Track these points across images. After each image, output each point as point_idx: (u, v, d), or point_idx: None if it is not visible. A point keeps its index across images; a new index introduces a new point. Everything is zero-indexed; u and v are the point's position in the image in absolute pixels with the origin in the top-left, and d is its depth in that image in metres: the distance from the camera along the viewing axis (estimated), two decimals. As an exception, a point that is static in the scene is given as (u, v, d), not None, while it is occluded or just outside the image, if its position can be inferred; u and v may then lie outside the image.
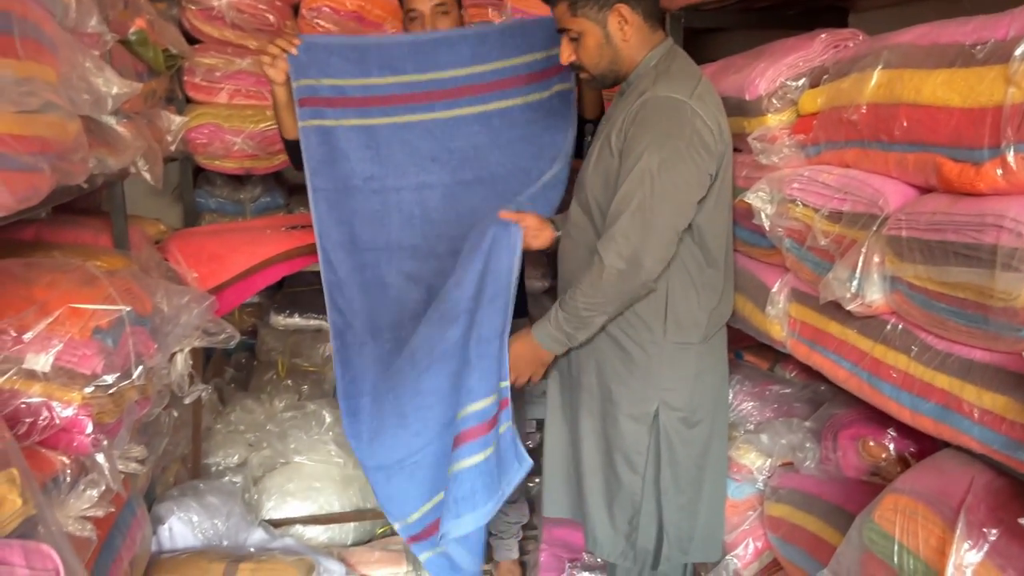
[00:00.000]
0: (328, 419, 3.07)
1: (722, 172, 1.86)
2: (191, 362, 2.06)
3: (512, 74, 2.27)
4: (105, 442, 1.52)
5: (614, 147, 1.82)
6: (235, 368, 3.67)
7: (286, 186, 3.70)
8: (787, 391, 2.25)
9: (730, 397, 2.24)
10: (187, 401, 2.13)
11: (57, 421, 1.44)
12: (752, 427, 2.17)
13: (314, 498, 2.93)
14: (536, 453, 2.29)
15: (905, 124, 1.40)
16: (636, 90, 1.84)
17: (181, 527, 2.40)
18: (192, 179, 3.41)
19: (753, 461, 2.11)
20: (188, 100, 3.07)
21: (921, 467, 1.48)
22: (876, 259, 1.45)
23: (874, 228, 1.46)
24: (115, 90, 1.84)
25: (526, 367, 2.02)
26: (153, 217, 2.81)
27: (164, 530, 2.36)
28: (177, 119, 2.72)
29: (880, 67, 1.49)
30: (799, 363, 2.45)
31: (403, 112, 2.26)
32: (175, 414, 2.45)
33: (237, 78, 3.07)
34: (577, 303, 1.86)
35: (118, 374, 1.57)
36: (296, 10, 3.13)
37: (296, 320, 3.37)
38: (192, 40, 3.02)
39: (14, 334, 1.46)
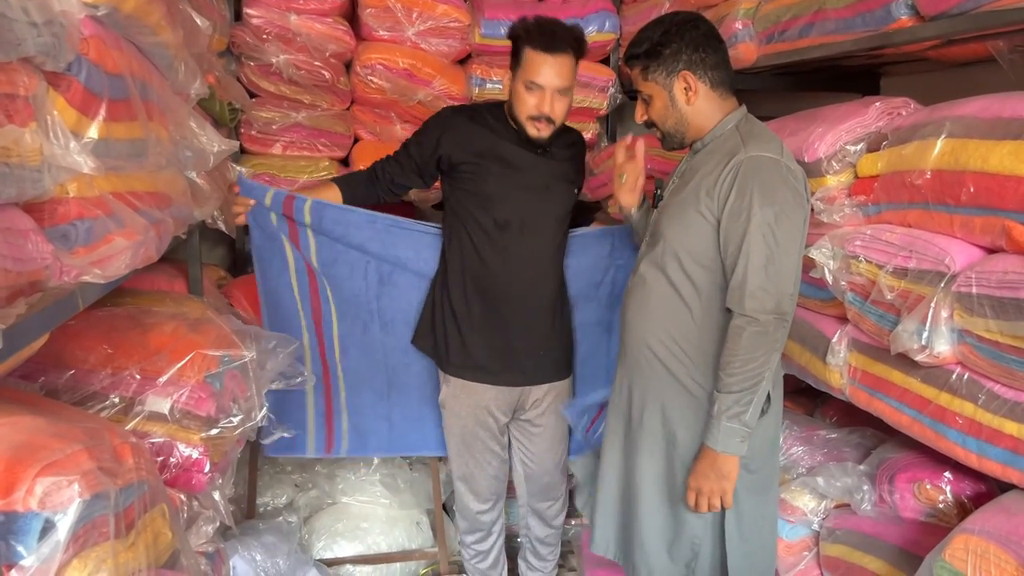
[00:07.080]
0: (375, 460, 3.14)
1: (806, 227, 1.93)
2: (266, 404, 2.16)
3: None
4: (219, 480, 1.60)
5: (705, 208, 1.86)
6: (276, 410, 3.73)
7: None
8: (834, 436, 2.34)
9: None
10: (265, 442, 2.22)
11: (180, 460, 1.53)
12: (804, 471, 2.26)
13: (362, 538, 3.00)
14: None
15: (972, 190, 1.52)
16: (720, 150, 1.90)
17: (244, 566, 2.48)
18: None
19: (807, 503, 2.19)
20: (243, 151, 3.18)
21: (989, 508, 1.57)
22: (944, 314, 1.56)
23: (941, 285, 1.58)
24: (216, 148, 1.96)
25: (716, 487, 1.91)
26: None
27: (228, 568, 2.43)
28: (243, 171, 2.84)
29: (944, 136, 1.62)
30: (838, 409, 2.56)
31: None
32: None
33: (292, 131, 3.18)
34: (740, 374, 1.81)
35: (226, 415, 1.67)
36: (349, 67, 3.27)
37: (339, 364, 3.43)
38: (249, 94, 3.14)
39: (138, 377, 1.56)
